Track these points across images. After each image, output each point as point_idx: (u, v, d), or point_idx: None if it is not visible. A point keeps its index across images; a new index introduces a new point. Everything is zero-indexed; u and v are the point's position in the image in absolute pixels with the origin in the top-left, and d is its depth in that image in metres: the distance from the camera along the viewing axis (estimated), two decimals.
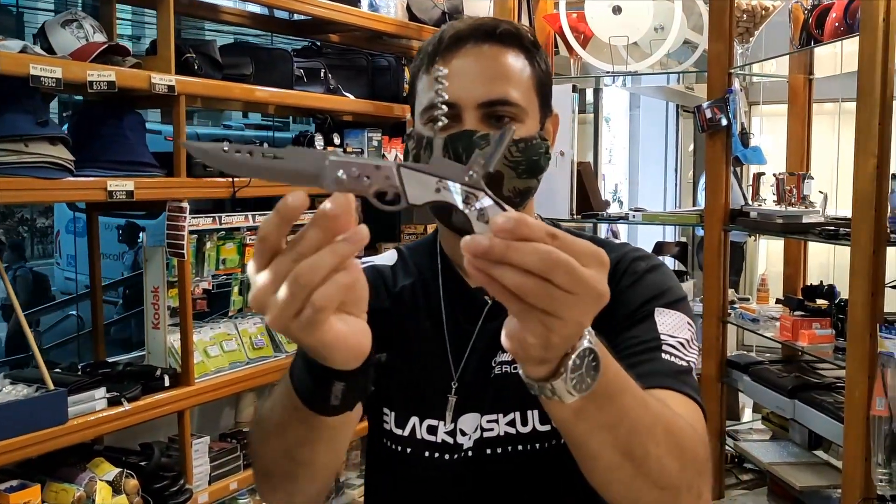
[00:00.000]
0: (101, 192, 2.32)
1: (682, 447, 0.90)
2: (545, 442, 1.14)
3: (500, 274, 0.70)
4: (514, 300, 0.71)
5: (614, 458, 0.85)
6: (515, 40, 1.16)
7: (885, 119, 2.46)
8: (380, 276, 1.26)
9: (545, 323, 0.72)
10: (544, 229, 0.70)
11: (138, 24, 4.06)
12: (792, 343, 2.93)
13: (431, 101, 1.14)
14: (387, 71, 3.50)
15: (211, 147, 0.78)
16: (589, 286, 0.70)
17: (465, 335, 1.19)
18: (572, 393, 0.78)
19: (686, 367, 1.09)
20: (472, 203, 0.75)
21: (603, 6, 3.43)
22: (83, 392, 2.30)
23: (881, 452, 2.49)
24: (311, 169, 0.76)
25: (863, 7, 2.50)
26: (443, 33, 1.17)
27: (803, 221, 2.93)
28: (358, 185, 0.75)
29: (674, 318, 1.13)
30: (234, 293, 2.97)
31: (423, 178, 0.76)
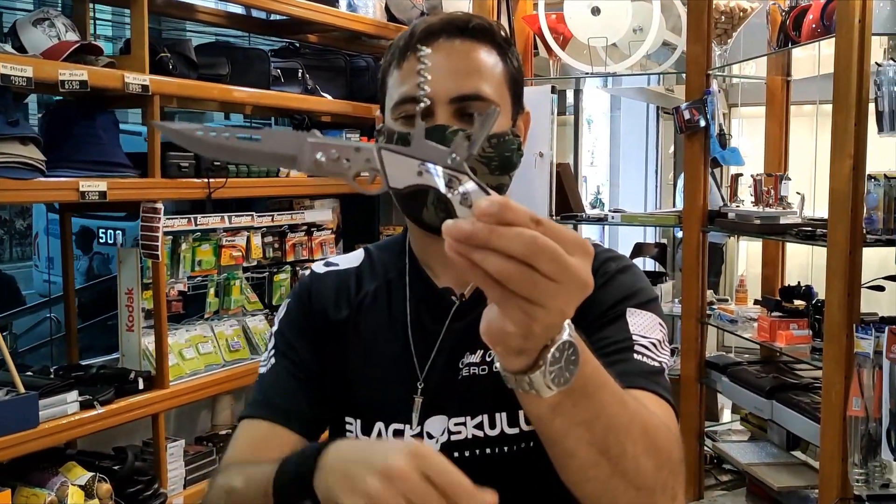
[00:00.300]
0: (73, 193, 2.29)
1: (658, 447, 0.89)
2: (514, 445, 1.13)
3: (481, 259, 0.68)
4: (495, 287, 0.69)
5: (590, 455, 0.83)
6: (488, 36, 1.15)
7: (860, 121, 2.46)
8: (344, 284, 1.24)
9: (527, 311, 0.70)
10: (529, 215, 0.69)
11: (119, 24, 4.03)
12: (770, 344, 2.94)
13: (403, 95, 1.13)
14: (365, 71, 3.49)
15: (184, 128, 0.76)
16: (574, 274, 0.69)
17: (431, 335, 1.17)
18: (551, 387, 0.76)
19: (658, 367, 1.08)
20: (454, 187, 0.73)
21: (582, 7, 3.43)
22: (55, 395, 2.27)
23: (857, 453, 2.50)
24: (289, 151, 0.74)
25: (838, 9, 2.51)
26: (414, 28, 1.15)
27: (780, 222, 2.93)
28: (337, 167, 0.73)
29: (645, 319, 1.12)
30: (209, 295, 2.94)
31: (405, 161, 0.74)
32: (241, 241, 2.99)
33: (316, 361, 1.20)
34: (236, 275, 3.02)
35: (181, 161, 2.63)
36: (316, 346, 1.20)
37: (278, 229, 3.18)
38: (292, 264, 3.27)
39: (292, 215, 3.21)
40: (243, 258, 3.01)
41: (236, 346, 2.95)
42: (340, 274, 1.26)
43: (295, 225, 3.25)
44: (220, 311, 3.01)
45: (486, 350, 1.15)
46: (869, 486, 2.51)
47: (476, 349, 1.15)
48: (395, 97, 1.14)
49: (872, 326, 2.43)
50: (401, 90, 1.13)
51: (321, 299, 1.23)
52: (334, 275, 1.26)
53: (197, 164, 2.68)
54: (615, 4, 3.40)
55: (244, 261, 3.02)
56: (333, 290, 1.23)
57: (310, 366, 1.19)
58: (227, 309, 3.01)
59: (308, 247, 3.30)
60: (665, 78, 4.79)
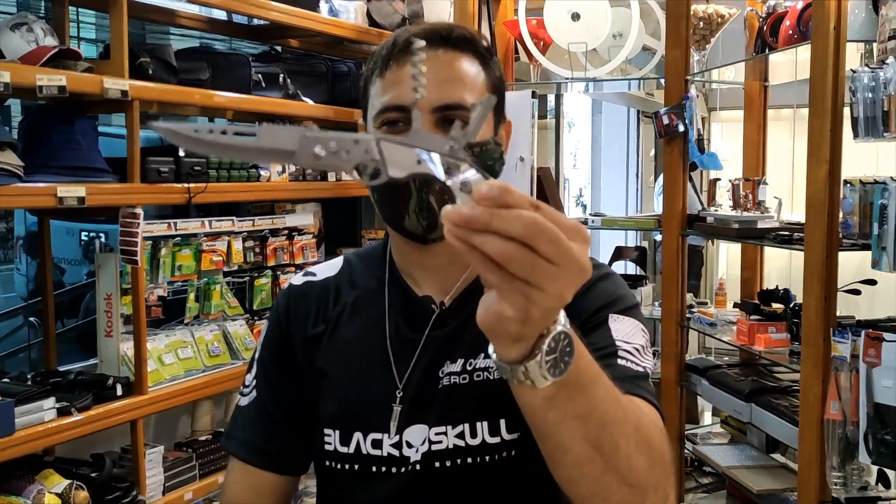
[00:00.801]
0: (50, 199, 2.28)
1: (650, 445, 0.89)
2: (495, 454, 1.13)
3: (481, 241, 0.68)
4: (495, 270, 0.70)
5: (584, 450, 0.84)
6: (470, 45, 1.16)
7: (836, 126, 2.48)
8: (322, 296, 1.25)
9: (526, 294, 0.70)
10: (528, 199, 0.70)
11: (103, 27, 4.01)
12: (748, 347, 2.95)
13: (385, 104, 1.13)
14: (346, 76, 3.49)
15: (181, 127, 0.75)
16: (573, 258, 0.70)
17: (410, 344, 1.17)
18: (546, 377, 0.76)
19: (643, 372, 1.09)
20: (454, 174, 0.74)
21: (562, 13, 3.44)
22: (31, 402, 2.25)
23: (835, 456, 2.52)
24: (286, 146, 0.73)
25: (814, 15, 2.53)
26: (396, 37, 1.15)
27: (758, 227, 2.95)
28: (336, 160, 0.73)
29: (628, 325, 1.13)
30: (190, 300, 2.93)
31: (404, 151, 0.75)
32: (221, 245, 2.98)
33: (293, 390, 1.22)
34: (217, 279, 3.02)
35: (161, 166, 2.62)
36: (293, 373, 1.23)
37: (259, 234, 3.18)
38: (273, 269, 3.27)
39: (273, 220, 3.20)
40: (224, 263, 3.00)
41: (216, 352, 2.95)
42: (318, 285, 1.26)
43: (276, 229, 3.24)
44: (201, 316, 3.00)
45: (466, 359, 1.15)
46: (847, 489, 2.52)
47: (456, 358, 1.16)
48: (377, 105, 1.14)
49: (849, 330, 2.45)
50: (383, 99, 1.13)
51: (298, 317, 1.24)
52: (312, 286, 1.26)
53: (177, 169, 2.67)
54: (595, 10, 3.42)
55: (224, 265, 3.01)
56: (312, 303, 1.25)
57: (288, 398, 1.22)
58: (208, 314, 3.00)
59: (289, 251, 3.29)
60: (645, 82, 4.81)
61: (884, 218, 2.33)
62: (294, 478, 1.27)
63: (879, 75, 2.35)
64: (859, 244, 2.49)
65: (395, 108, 1.12)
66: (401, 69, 1.12)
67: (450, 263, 1.18)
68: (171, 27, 3.30)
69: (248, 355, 3.03)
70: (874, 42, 2.52)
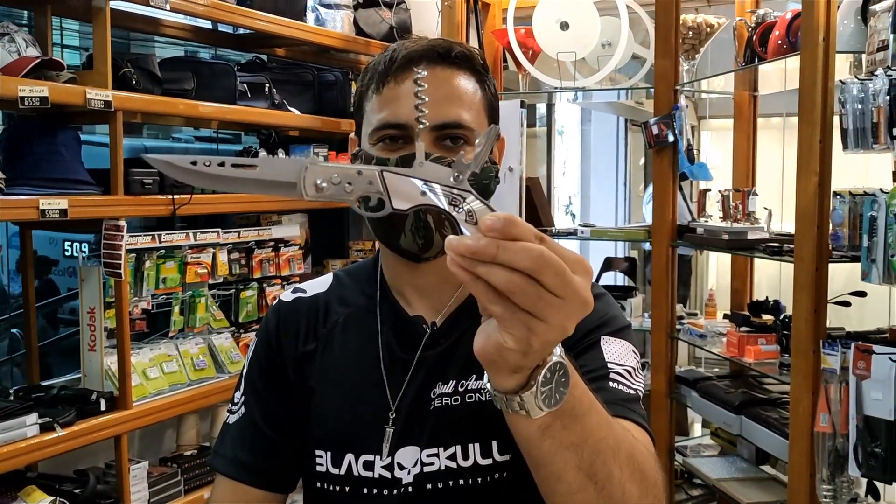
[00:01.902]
0: (33, 211, 2.25)
1: (643, 472, 0.89)
2: (487, 476, 1.12)
3: (486, 272, 0.69)
4: (498, 300, 0.70)
5: (578, 479, 0.84)
6: (468, 63, 1.15)
7: (825, 138, 2.47)
8: (312, 312, 1.23)
9: (529, 325, 0.71)
10: (533, 231, 0.70)
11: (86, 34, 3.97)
12: (738, 359, 2.94)
13: (382, 121, 1.11)
14: (333, 86, 3.47)
15: (177, 160, 0.75)
16: (577, 291, 0.70)
17: (402, 365, 1.16)
18: (541, 407, 0.77)
19: (634, 395, 1.09)
20: (458, 205, 0.74)
21: (550, 22, 3.42)
22: (14, 418, 2.22)
23: (825, 468, 2.50)
24: (288, 177, 0.74)
25: (803, 27, 2.52)
26: (394, 53, 1.14)
27: (748, 238, 2.94)
28: (339, 192, 0.74)
29: (619, 347, 1.12)
30: (174, 313, 2.90)
31: (408, 182, 0.75)
32: (206, 257, 2.95)
33: (283, 407, 1.21)
34: (202, 292, 2.98)
35: (145, 178, 2.59)
36: (283, 389, 1.21)
37: (245, 245, 3.15)
38: (259, 281, 3.24)
39: (259, 231, 3.17)
40: (209, 275, 2.97)
41: (202, 365, 2.91)
42: (308, 302, 1.25)
43: (262, 241, 3.21)
44: (186, 329, 2.97)
45: (458, 380, 1.14)
46: (837, 502, 2.51)
47: (448, 379, 1.14)
48: (374, 122, 1.13)
49: (839, 342, 2.44)
50: (380, 116, 1.12)
51: (288, 334, 1.22)
52: (301, 303, 1.25)
53: (161, 180, 2.64)
54: (584, 19, 3.40)
55: (210, 278, 2.98)
56: (302, 320, 1.23)
57: (277, 414, 1.20)
58: (193, 327, 2.97)
59: (275, 263, 3.27)
60: (634, 91, 4.81)
61: (873, 230, 2.32)
62: (282, 495, 1.24)
63: (868, 87, 2.34)
64: (849, 256, 2.48)
65: (393, 126, 1.10)
66: (398, 86, 1.11)
67: (441, 283, 1.17)
68: (154, 37, 3.26)
69: (234, 369, 2.99)
70: (863, 53, 2.51)
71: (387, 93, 1.12)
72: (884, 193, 2.31)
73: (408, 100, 1.08)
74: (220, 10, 2.83)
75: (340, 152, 3.54)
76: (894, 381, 2.29)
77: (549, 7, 3.42)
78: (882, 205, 2.29)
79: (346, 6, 3.46)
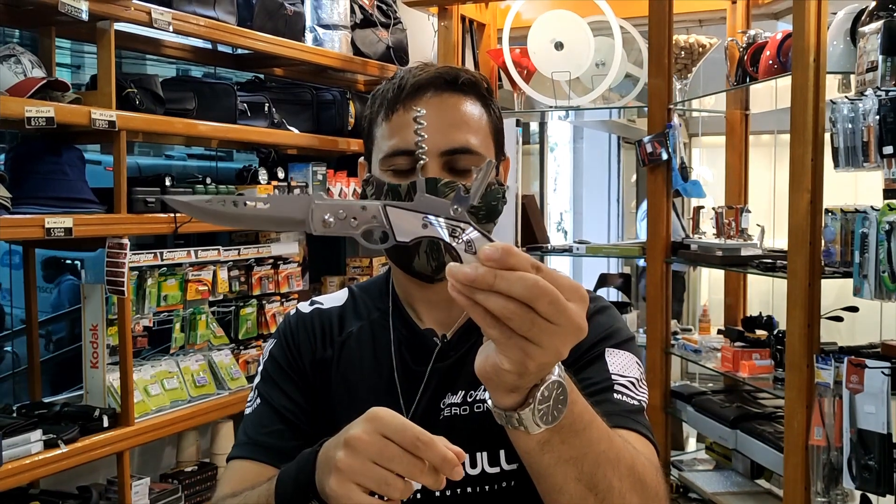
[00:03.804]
0: (38, 230, 2.28)
1: (644, 483, 0.92)
2: (496, 483, 1.15)
3: (484, 299, 0.73)
4: (495, 325, 0.74)
5: (578, 491, 0.87)
6: (474, 89, 1.19)
7: (817, 155, 2.53)
8: (328, 322, 1.27)
9: (525, 349, 0.75)
10: (529, 260, 0.74)
11: (78, 53, 4.00)
12: (733, 374, 2.98)
13: (393, 149, 1.15)
14: (331, 105, 3.51)
15: (194, 200, 0.81)
16: (570, 318, 0.74)
17: (415, 377, 1.20)
18: (539, 424, 0.81)
19: (638, 406, 1.12)
20: (458, 236, 0.79)
21: (545, 42, 3.48)
22: (18, 435, 2.24)
23: (820, 481, 2.54)
24: (297, 214, 0.79)
25: (794, 48, 2.57)
26: (402, 80, 1.17)
27: (742, 254, 2.99)
28: (345, 226, 0.79)
29: (623, 359, 1.16)
30: (175, 330, 2.92)
31: (410, 216, 0.80)
32: (207, 275, 2.97)
33: (302, 400, 1.22)
34: (202, 309, 3.01)
35: (147, 196, 2.62)
36: (301, 386, 1.23)
37: (244, 263, 3.18)
38: (258, 298, 3.26)
39: (258, 248, 3.20)
40: (209, 292, 3.00)
41: (202, 382, 2.93)
42: (324, 313, 1.28)
43: (261, 258, 3.24)
44: (186, 346, 2.99)
45: (467, 391, 1.18)
46: None
47: (457, 390, 1.18)
48: (384, 149, 1.17)
49: (832, 356, 2.48)
50: (390, 143, 1.16)
51: (306, 339, 1.26)
52: (318, 314, 1.28)
53: None
54: (578, 39, 3.46)
55: (210, 295, 3.01)
56: (318, 328, 1.27)
57: (295, 406, 1.22)
58: (193, 344, 2.99)
59: (274, 280, 3.29)
60: (627, 109, 4.87)
61: (865, 246, 2.37)
62: None
63: (859, 106, 2.39)
64: (841, 272, 2.52)
65: (403, 153, 1.14)
66: (407, 113, 1.15)
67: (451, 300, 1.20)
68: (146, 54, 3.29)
69: (234, 385, 3.02)
70: (852, 73, 2.57)
71: (396, 120, 1.16)
72: (875, 210, 2.35)
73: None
74: (221, 31, 2.87)
75: (339, 170, 3.57)
76: (887, 395, 2.34)
77: (543, 27, 3.48)
78: (873, 221, 2.34)
79: (343, 27, 3.50)
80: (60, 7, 2.28)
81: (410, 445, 0.84)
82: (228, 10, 2.92)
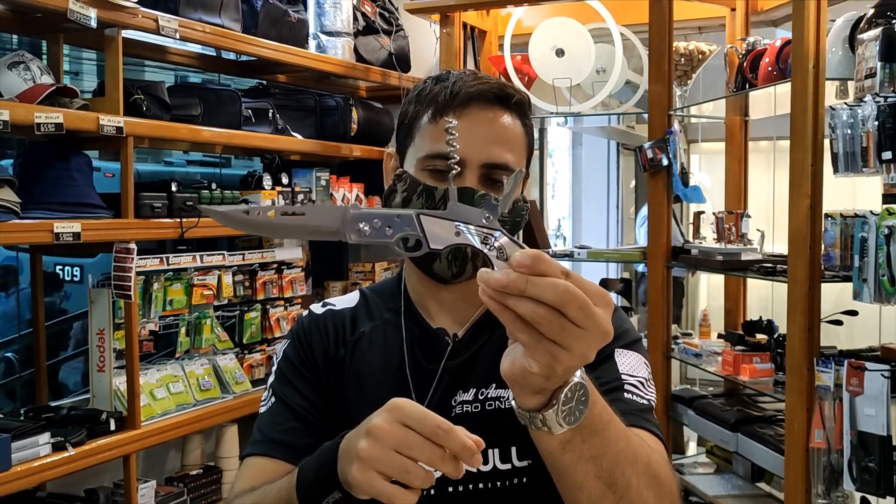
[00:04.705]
0: (47, 235, 2.30)
1: (659, 479, 0.96)
2: (506, 480, 1.18)
3: (515, 304, 0.76)
4: (525, 329, 0.77)
5: (598, 487, 0.91)
6: (520, 109, 1.22)
7: (817, 161, 2.56)
8: (340, 322, 1.30)
9: (553, 353, 0.77)
10: (559, 267, 0.77)
11: (76, 59, 4.03)
12: (734, 377, 3.00)
13: (438, 151, 1.17)
14: (334, 111, 3.54)
15: (230, 210, 0.84)
16: (598, 322, 0.77)
17: (427, 375, 1.22)
18: (562, 424, 0.84)
19: (647, 405, 1.16)
20: (490, 243, 0.81)
21: (546, 49, 3.51)
22: (27, 437, 2.26)
23: (820, 483, 2.56)
24: (332, 224, 0.81)
25: (793, 55, 2.61)
26: (455, 87, 1.19)
27: (742, 259, 3.01)
28: (380, 235, 0.81)
29: (632, 359, 1.19)
30: (181, 334, 2.94)
31: (443, 224, 0.82)
32: (212, 279, 3.00)
33: (315, 398, 1.25)
34: (207, 314, 3.03)
35: (154, 201, 2.64)
36: (315, 384, 1.26)
37: (249, 268, 3.20)
38: (262, 302, 3.28)
39: (262, 253, 3.22)
40: (214, 297, 3.02)
41: (207, 386, 2.95)
42: (337, 314, 1.31)
43: (265, 263, 3.26)
44: (191, 350, 3.01)
45: (478, 388, 1.21)
46: None
47: (469, 387, 1.21)
48: (425, 149, 1.20)
49: (832, 360, 2.50)
50: (434, 146, 1.18)
51: (319, 339, 1.29)
52: (331, 314, 1.31)
53: (170, 204, 2.70)
54: (579, 46, 3.49)
55: (215, 299, 3.03)
56: (331, 329, 1.30)
57: (308, 403, 1.24)
58: (198, 348, 3.01)
59: (278, 285, 3.31)
60: (626, 115, 4.90)
61: (864, 250, 2.40)
62: None
63: (857, 112, 2.42)
64: (840, 276, 2.55)
65: (445, 157, 1.16)
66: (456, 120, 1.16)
67: (463, 300, 1.24)
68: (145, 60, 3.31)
69: (238, 389, 3.04)
70: (851, 80, 2.60)
71: (442, 124, 1.17)
72: (874, 215, 2.38)
73: (463, 136, 1.14)
74: (226, 38, 2.90)
75: (341, 176, 3.60)
76: (887, 398, 2.36)
77: (544, 34, 3.51)
78: (872, 226, 2.37)
79: (346, 34, 3.54)
80: (69, 14, 2.31)
81: (431, 434, 0.86)
82: (234, 17, 2.95)
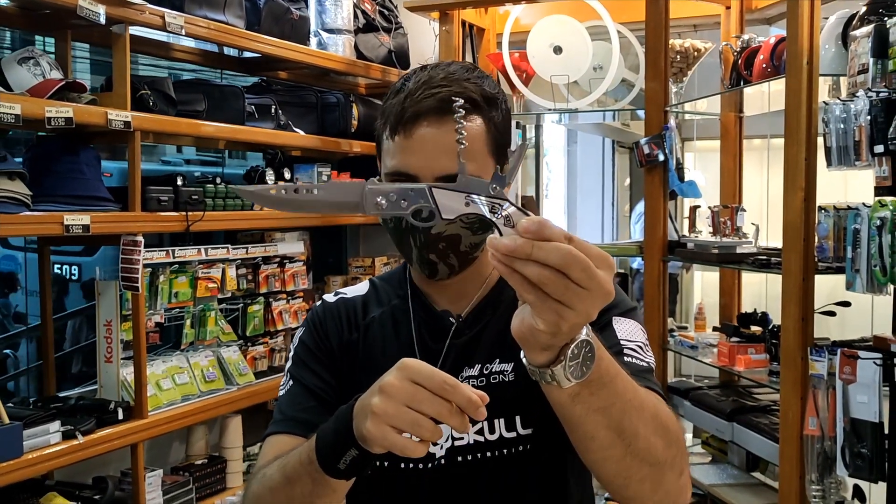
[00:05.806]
0: (57, 227, 2.34)
1: (666, 427, 1.02)
2: (512, 448, 1.24)
3: (522, 267, 0.82)
4: (532, 290, 0.82)
5: (608, 436, 0.96)
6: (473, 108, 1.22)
7: (811, 155, 2.61)
8: (351, 309, 1.37)
9: (558, 311, 0.83)
10: (563, 232, 0.83)
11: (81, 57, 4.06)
12: (729, 368, 3.06)
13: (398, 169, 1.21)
14: (335, 107, 3.58)
15: (258, 189, 0.91)
16: (600, 283, 0.82)
17: (434, 354, 1.29)
18: (570, 378, 0.89)
19: (647, 366, 1.22)
20: (497, 212, 0.87)
21: (544, 46, 3.56)
22: (38, 426, 2.30)
23: (814, 470, 2.62)
24: (352, 198, 0.87)
25: (788, 51, 2.66)
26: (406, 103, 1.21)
27: (737, 252, 3.07)
28: (395, 207, 0.87)
29: (629, 325, 1.25)
30: (186, 326, 2.99)
31: (453, 195, 0.88)
32: (216, 273, 3.04)
33: (331, 379, 1.31)
34: (211, 306, 3.08)
35: (160, 195, 2.69)
36: (329, 366, 1.32)
37: (252, 261, 3.24)
38: (265, 296, 3.33)
39: (266, 247, 3.27)
40: (218, 290, 3.06)
41: (211, 377, 3.00)
42: (349, 301, 1.39)
43: (268, 257, 3.31)
44: (196, 342, 3.06)
45: (483, 364, 1.28)
46: (825, 502, 2.63)
47: (474, 363, 1.28)
48: (388, 166, 1.25)
49: (825, 349, 2.56)
50: (393, 163, 1.23)
51: (333, 325, 1.36)
52: (343, 302, 1.39)
53: (175, 197, 2.74)
54: (576, 44, 3.54)
55: (219, 292, 3.08)
56: (344, 315, 1.37)
57: (325, 384, 1.31)
58: (203, 340, 3.06)
59: (281, 278, 3.36)
60: (621, 113, 4.95)
61: (857, 242, 2.45)
62: None
63: (850, 107, 2.48)
64: (834, 267, 2.61)
65: (403, 175, 1.22)
66: (407, 140, 1.21)
67: (462, 290, 1.32)
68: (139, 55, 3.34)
69: (242, 381, 3.08)
70: (844, 76, 2.66)
71: (398, 142, 1.22)
72: (867, 207, 2.44)
73: (416, 152, 1.20)
74: (230, 34, 2.95)
75: (342, 171, 3.65)
76: (879, 385, 2.42)
77: (542, 32, 3.56)
78: (865, 218, 2.42)
79: (347, 31, 3.58)
80: (79, 11, 2.35)
81: (439, 389, 0.92)
82: (238, 14, 3.00)
